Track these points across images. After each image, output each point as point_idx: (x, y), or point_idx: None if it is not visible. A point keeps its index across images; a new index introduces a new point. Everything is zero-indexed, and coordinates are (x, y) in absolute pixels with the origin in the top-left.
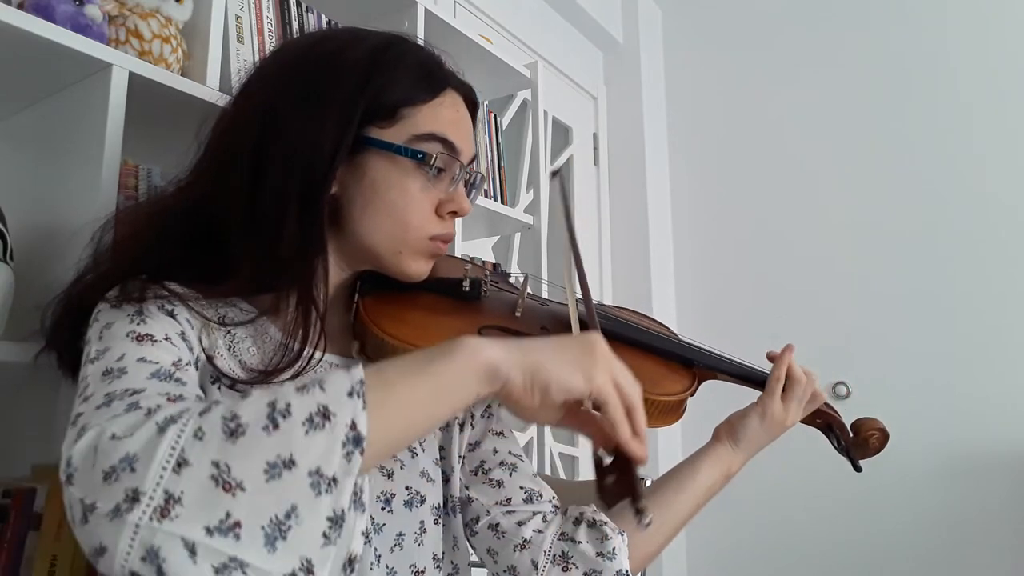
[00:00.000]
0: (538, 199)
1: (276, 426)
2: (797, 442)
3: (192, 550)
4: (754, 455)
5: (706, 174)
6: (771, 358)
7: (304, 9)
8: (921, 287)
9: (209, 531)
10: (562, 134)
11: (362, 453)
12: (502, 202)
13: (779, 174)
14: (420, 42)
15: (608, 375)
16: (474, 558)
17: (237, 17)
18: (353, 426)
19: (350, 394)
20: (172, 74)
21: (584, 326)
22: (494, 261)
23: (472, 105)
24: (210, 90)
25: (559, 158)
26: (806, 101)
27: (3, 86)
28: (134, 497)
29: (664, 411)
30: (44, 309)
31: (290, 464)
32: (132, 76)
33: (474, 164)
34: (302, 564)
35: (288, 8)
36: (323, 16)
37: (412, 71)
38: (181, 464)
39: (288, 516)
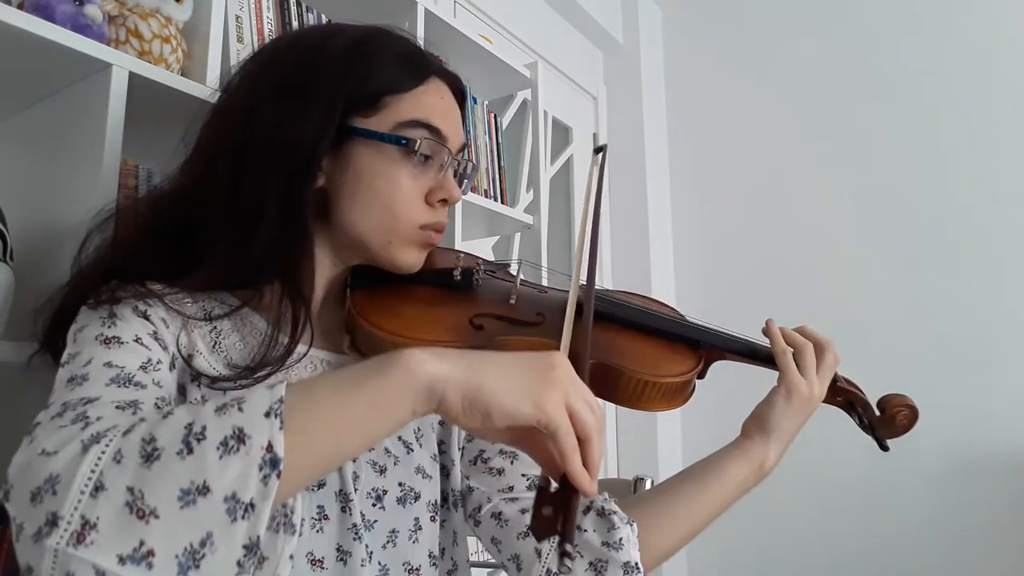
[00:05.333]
0: (538, 199)
1: (190, 450)
2: (799, 441)
3: None
4: (789, 444)
5: (706, 174)
6: (765, 334)
7: (304, 9)
8: (924, 287)
9: (122, 559)
10: (562, 134)
11: (279, 476)
12: (502, 202)
13: (779, 174)
14: (403, 33)
15: (561, 401)
16: (473, 557)
17: (237, 17)
18: (269, 448)
19: (267, 414)
20: (172, 74)
21: (580, 310)
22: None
23: (460, 95)
24: (210, 90)
25: (559, 158)
26: (806, 99)
27: (3, 86)
28: (53, 521)
29: (669, 393)
30: (38, 311)
31: (204, 490)
32: (132, 76)
33: (464, 153)
34: None
35: (288, 8)
36: (323, 16)
37: (394, 59)
38: (98, 488)
39: (203, 544)
